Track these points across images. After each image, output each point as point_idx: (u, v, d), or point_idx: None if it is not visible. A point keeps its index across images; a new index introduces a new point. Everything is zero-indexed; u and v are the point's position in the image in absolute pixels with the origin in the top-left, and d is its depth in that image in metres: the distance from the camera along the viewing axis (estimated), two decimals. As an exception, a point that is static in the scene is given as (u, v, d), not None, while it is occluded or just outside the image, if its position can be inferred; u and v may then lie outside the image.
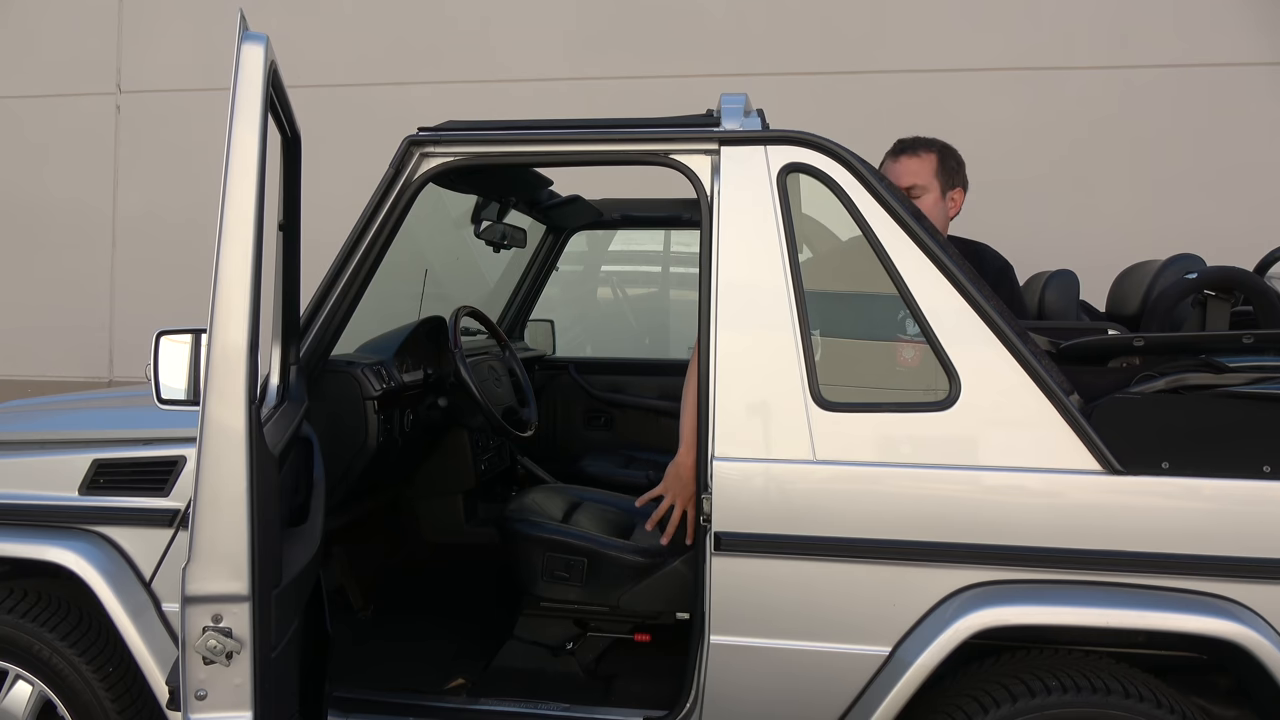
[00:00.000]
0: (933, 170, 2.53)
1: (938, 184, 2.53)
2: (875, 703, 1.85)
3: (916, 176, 2.52)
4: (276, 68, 1.82)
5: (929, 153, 2.55)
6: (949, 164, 2.55)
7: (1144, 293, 2.39)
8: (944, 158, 2.55)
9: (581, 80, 4.96)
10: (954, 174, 2.56)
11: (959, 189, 2.58)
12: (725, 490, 1.92)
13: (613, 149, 2.06)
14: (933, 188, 2.53)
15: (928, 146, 2.56)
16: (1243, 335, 1.90)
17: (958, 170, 2.57)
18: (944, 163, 2.54)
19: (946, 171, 2.54)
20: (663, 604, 2.35)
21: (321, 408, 2.25)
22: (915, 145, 2.56)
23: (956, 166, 2.57)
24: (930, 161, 2.53)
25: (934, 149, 2.56)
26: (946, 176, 2.54)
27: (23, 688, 2.16)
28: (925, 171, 2.53)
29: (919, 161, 2.54)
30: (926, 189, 2.52)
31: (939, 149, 2.56)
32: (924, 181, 2.52)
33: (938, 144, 2.57)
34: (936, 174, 2.53)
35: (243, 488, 1.66)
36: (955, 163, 2.57)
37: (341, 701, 2.17)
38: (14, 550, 2.10)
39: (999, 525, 1.85)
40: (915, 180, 2.52)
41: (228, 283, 1.65)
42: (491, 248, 3.11)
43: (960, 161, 2.59)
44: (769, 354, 1.92)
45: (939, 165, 2.53)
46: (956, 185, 2.57)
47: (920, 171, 2.53)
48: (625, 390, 3.88)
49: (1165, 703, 1.79)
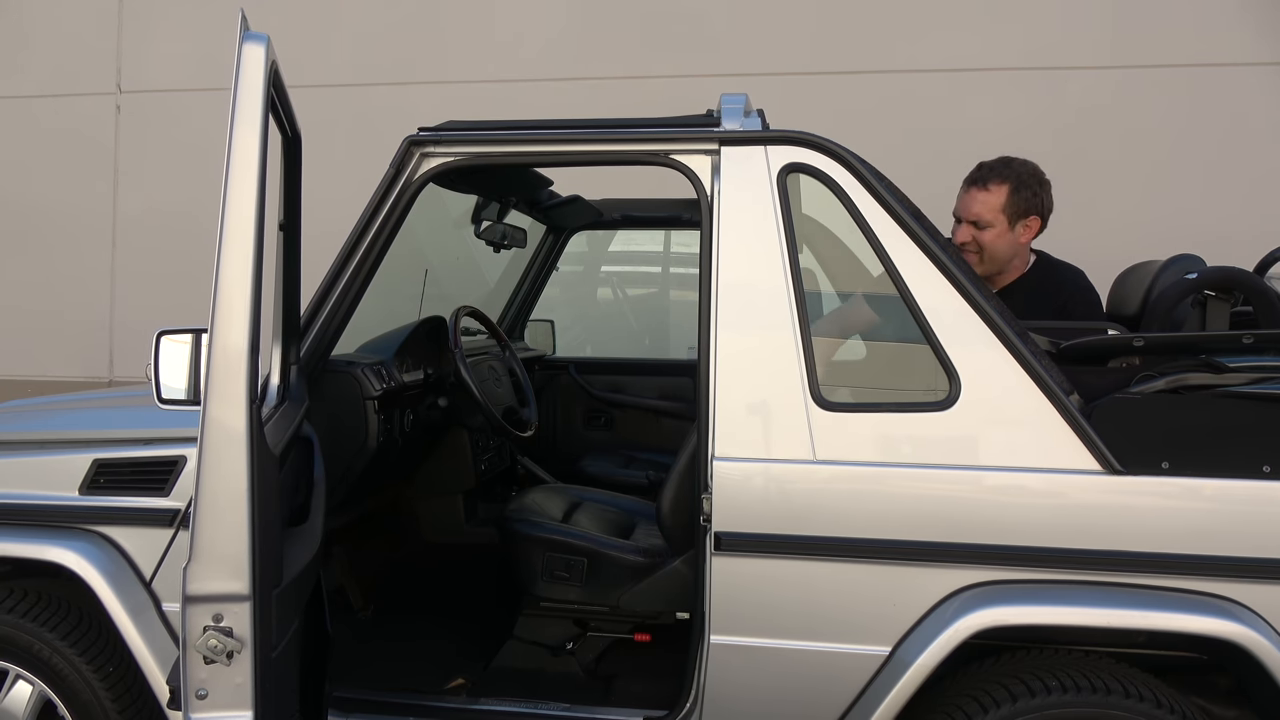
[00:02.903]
0: (1000, 205, 2.56)
1: (1004, 218, 2.57)
2: (875, 703, 1.85)
3: (982, 211, 2.57)
4: (277, 67, 1.82)
5: (1000, 185, 2.57)
6: (1022, 194, 2.56)
7: (1144, 293, 2.39)
8: (1017, 189, 2.56)
9: (581, 80, 4.96)
10: (1028, 203, 2.57)
11: (1034, 217, 2.59)
12: (725, 490, 1.92)
13: (613, 149, 2.06)
14: (998, 222, 2.57)
15: (1000, 178, 2.57)
16: (1243, 335, 1.90)
17: (1034, 198, 2.58)
18: (1015, 194, 2.56)
19: (1017, 203, 2.56)
20: (663, 604, 2.35)
21: (321, 408, 2.25)
22: (988, 177, 2.59)
23: (1033, 194, 2.57)
24: (1000, 195, 2.56)
25: (1007, 181, 2.57)
26: (1016, 209, 2.56)
27: (23, 688, 2.16)
28: (992, 206, 2.57)
29: (987, 195, 2.57)
30: (991, 224, 2.57)
31: (1013, 181, 2.57)
32: (989, 217, 2.57)
33: (1015, 175, 2.58)
34: (1004, 208, 2.56)
35: (243, 488, 1.66)
36: (1031, 191, 2.57)
37: (341, 701, 2.17)
38: (14, 550, 2.10)
39: (999, 525, 1.85)
40: (980, 215, 2.58)
41: (228, 283, 1.65)
42: (491, 248, 3.11)
43: (1039, 187, 2.58)
44: (769, 354, 1.92)
45: (1009, 199, 2.56)
46: (1031, 214, 2.58)
47: (987, 205, 2.57)
48: (625, 390, 3.88)
49: (1165, 703, 1.79)
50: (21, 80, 5.49)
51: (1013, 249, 2.61)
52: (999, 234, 2.58)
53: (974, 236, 2.59)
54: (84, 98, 5.44)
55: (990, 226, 2.58)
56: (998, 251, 2.60)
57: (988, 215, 2.57)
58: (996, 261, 2.62)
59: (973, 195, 2.60)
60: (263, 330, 1.74)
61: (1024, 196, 2.57)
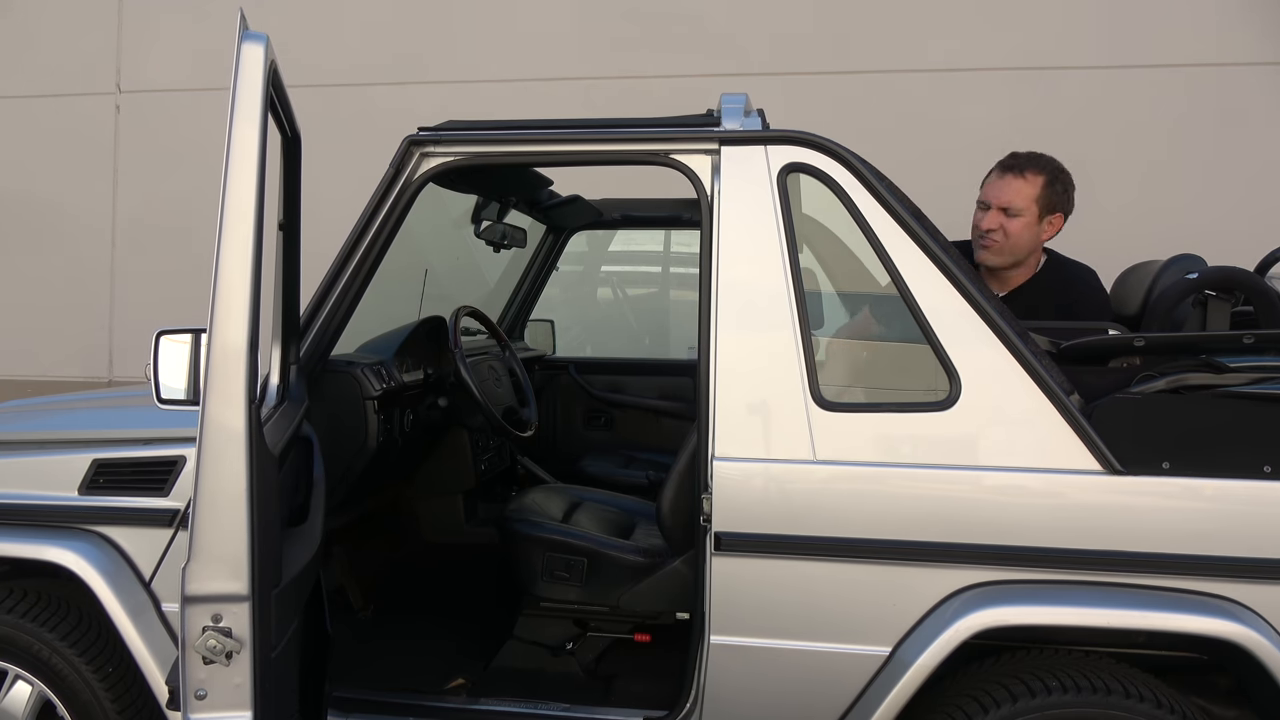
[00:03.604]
0: (1034, 195, 2.54)
1: (1035, 209, 2.55)
2: (875, 703, 1.85)
3: (1017, 198, 2.55)
4: (277, 67, 1.82)
5: (1037, 175, 2.55)
6: (1055, 188, 2.56)
7: (1144, 293, 2.39)
8: (1051, 182, 2.55)
9: (581, 80, 4.96)
10: (1058, 198, 2.56)
11: (1059, 214, 2.58)
12: (725, 490, 1.91)
13: (613, 149, 2.06)
14: (1029, 212, 2.55)
15: (1037, 168, 2.56)
16: (1243, 335, 1.90)
17: (1063, 194, 2.57)
18: (1050, 187, 2.55)
19: (1050, 197, 2.55)
20: (663, 604, 2.35)
21: (321, 408, 2.25)
22: (1025, 165, 2.57)
23: (1063, 190, 2.57)
24: (1036, 185, 2.55)
25: (1044, 172, 2.56)
26: (1048, 202, 2.55)
27: (22, 688, 2.15)
28: (1026, 195, 2.54)
29: (1023, 183, 2.55)
30: (1022, 213, 2.54)
31: (1049, 173, 2.56)
32: (1022, 205, 2.54)
33: (1050, 168, 2.57)
34: (1037, 199, 2.55)
35: (243, 488, 1.66)
36: (1062, 187, 2.57)
37: (341, 701, 2.17)
38: (14, 550, 2.10)
39: (999, 525, 1.85)
40: (1015, 201, 2.55)
41: (228, 283, 1.65)
42: (491, 248, 3.11)
43: (1069, 185, 2.58)
44: (769, 354, 1.92)
45: (1043, 190, 2.55)
46: (1058, 210, 2.58)
47: (1021, 193, 2.55)
48: (625, 390, 3.88)
49: (1165, 703, 1.79)
50: (21, 80, 5.49)
51: (1034, 243, 2.59)
52: (1027, 224, 2.55)
53: (1002, 224, 2.56)
54: (84, 98, 5.44)
55: (1020, 215, 2.54)
56: (1021, 242, 2.57)
57: (1020, 203, 2.54)
58: (1017, 252, 2.58)
59: (1007, 181, 2.57)
60: (262, 330, 1.74)
61: (1056, 191, 2.56)
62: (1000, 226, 2.56)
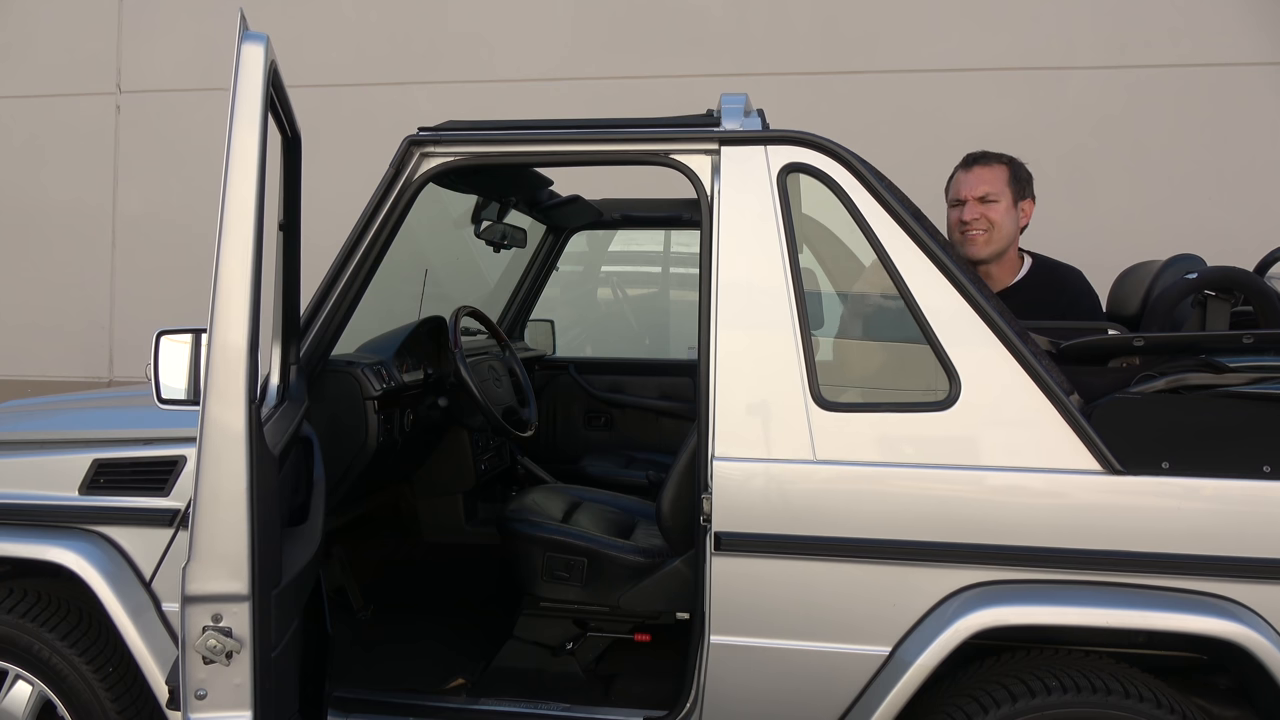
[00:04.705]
0: (1005, 180, 2.67)
1: (1009, 193, 2.66)
2: (875, 703, 1.85)
3: (991, 185, 2.65)
4: (276, 67, 1.82)
5: (1000, 165, 2.68)
6: (1019, 175, 2.69)
7: (1144, 293, 2.39)
8: (1014, 170, 2.68)
9: (581, 80, 4.96)
10: (1024, 186, 2.69)
11: (1029, 200, 2.70)
12: (725, 490, 1.91)
13: (613, 149, 2.06)
14: (1004, 197, 2.65)
15: (998, 159, 2.70)
16: (1243, 335, 1.90)
17: (1027, 183, 2.71)
18: (1015, 174, 2.68)
19: (1017, 183, 2.68)
20: (663, 604, 2.35)
21: (321, 408, 2.25)
22: (986, 157, 2.70)
23: (1026, 179, 2.70)
24: (1002, 172, 2.67)
25: (1004, 161, 2.69)
26: (1017, 187, 2.68)
27: (23, 688, 2.16)
28: (998, 181, 2.66)
29: (992, 172, 2.67)
30: (999, 198, 2.64)
31: (1008, 161, 2.70)
32: (997, 190, 2.65)
33: (1006, 157, 2.71)
34: (1008, 184, 2.66)
35: (243, 487, 1.66)
36: (1026, 175, 2.71)
37: (341, 701, 2.17)
38: (14, 550, 2.10)
39: (999, 525, 1.85)
40: (989, 188, 2.65)
41: (228, 283, 1.65)
42: (491, 248, 3.11)
43: (1029, 175, 2.71)
44: (769, 354, 1.92)
45: (1010, 176, 2.67)
46: (1026, 197, 2.70)
47: (994, 180, 2.66)
48: (625, 390, 3.88)
49: (1165, 703, 1.79)
50: (21, 80, 5.50)
51: (1015, 230, 2.68)
52: (1006, 209, 2.65)
53: (983, 213, 2.64)
54: (84, 98, 5.44)
55: (998, 201, 2.64)
56: (1005, 228, 2.65)
57: (996, 188, 2.64)
58: (1003, 239, 2.66)
59: (976, 173, 2.67)
60: (262, 330, 1.74)
61: (1021, 179, 2.69)
62: (982, 215, 2.65)
